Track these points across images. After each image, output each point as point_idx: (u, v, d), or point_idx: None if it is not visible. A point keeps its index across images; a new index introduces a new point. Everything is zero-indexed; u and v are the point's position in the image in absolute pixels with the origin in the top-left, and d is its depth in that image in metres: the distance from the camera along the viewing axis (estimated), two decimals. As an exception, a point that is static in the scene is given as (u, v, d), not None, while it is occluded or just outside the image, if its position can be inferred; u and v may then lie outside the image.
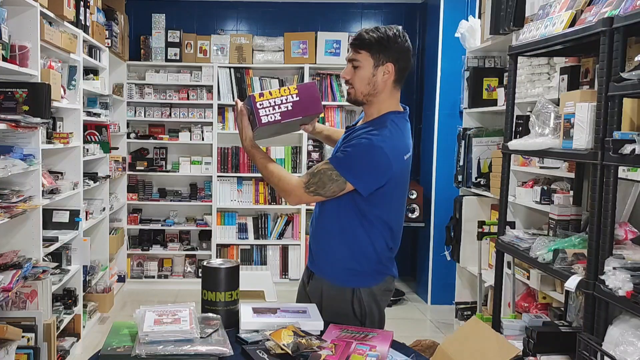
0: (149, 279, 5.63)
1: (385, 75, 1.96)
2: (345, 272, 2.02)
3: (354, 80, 1.98)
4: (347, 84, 2.01)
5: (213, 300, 1.84)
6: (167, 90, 5.59)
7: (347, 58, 2.00)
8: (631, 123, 2.10)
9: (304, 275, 2.18)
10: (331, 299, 2.02)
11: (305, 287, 2.15)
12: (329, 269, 2.05)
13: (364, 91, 1.98)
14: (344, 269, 2.02)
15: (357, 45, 1.94)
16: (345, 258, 2.02)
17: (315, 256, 2.11)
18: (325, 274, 2.06)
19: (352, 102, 2.03)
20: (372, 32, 1.93)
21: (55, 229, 3.78)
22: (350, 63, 1.97)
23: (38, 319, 3.05)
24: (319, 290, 2.05)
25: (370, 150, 1.90)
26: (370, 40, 1.93)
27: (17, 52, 3.05)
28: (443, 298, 5.01)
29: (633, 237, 2.26)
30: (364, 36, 1.93)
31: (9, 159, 2.87)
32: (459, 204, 4.21)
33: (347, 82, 2.00)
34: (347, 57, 2.01)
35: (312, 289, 2.09)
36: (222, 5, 5.85)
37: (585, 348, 2.06)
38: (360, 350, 1.63)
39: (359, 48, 1.94)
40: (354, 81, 1.98)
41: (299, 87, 1.97)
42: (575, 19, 2.37)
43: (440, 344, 2.49)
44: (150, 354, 1.51)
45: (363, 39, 1.93)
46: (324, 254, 2.07)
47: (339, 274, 2.03)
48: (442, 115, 5.05)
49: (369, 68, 1.95)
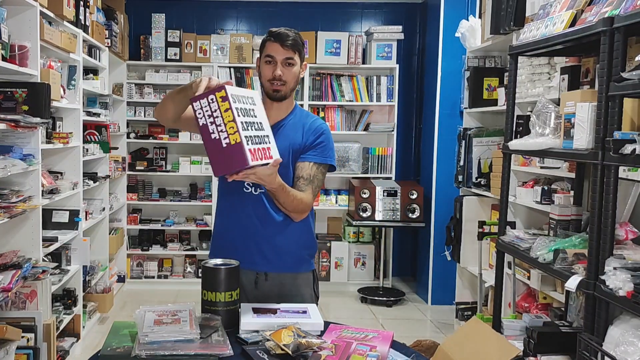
0: (148, 279, 5.63)
1: (302, 73, 2.16)
2: (307, 257, 2.18)
3: (288, 77, 2.08)
4: (277, 81, 2.07)
5: (213, 300, 1.84)
6: (167, 90, 5.58)
7: (280, 59, 2.06)
8: (631, 123, 2.09)
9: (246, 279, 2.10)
10: (295, 287, 2.13)
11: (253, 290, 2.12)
12: (291, 260, 2.13)
13: (292, 88, 2.12)
14: (306, 255, 2.18)
15: (292, 45, 2.06)
16: (306, 244, 2.17)
17: (269, 255, 2.10)
18: (286, 267, 2.12)
19: (279, 99, 2.11)
20: (295, 33, 2.09)
21: (55, 229, 3.77)
22: (285, 62, 2.07)
23: (38, 319, 3.05)
24: (277, 285, 2.10)
25: (329, 131, 2.17)
26: (299, 42, 2.09)
27: (16, 52, 3.04)
28: (443, 298, 5.01)
29: (633, 237, 2.26)
30: (296, 37, 2.08)
31: (8, 158, 2.86)
32: (459, 204, 4.21)
33: (279, 80, 2.07)
34: (279, 58, 2.06)
35: (268, 288, 2.11)
36: (222, 5, 5.84)
37: (586, 348, 2.06)
38: (360, 350, 1.63)
39: (294, 48, 2.07)
40: (288, 79, 2.09)
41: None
42: (576, 18, 2.36)
43: (441, 344, 2.49)
44: (150, 354, 1.50)
45: (296, 40, 2.08)
46: (285, 248, 2.11)
47: (302, 262, 2.16)
48: (443, 115, 5.05)
49: (298, 67, 2.11)
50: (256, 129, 1.78)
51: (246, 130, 1.69)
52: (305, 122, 2.14)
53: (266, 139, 1.83)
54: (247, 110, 1.77)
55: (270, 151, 1.82)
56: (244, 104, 1.76)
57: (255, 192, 2.09)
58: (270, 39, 2.08)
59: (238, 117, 1.67)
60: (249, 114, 1.77)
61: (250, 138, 1.71)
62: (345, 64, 5.57)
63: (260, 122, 1.82)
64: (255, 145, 1.72)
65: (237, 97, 1.74)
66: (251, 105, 1.82)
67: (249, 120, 1.75)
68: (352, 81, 5.59)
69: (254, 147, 1.71)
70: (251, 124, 1.75)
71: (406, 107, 5.89)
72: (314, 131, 2.12)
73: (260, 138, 1.78)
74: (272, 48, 2.07)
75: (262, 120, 1.85)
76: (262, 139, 1.79)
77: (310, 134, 2.11)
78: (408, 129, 5.95)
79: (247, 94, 1.84)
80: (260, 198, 2.09)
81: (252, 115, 1.78)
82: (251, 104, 1.82)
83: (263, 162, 1.76)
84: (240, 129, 1.66)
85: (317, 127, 2.13)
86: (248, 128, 1.72)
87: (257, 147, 1.73)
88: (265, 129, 1.85)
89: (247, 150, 1.66)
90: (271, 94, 2.09)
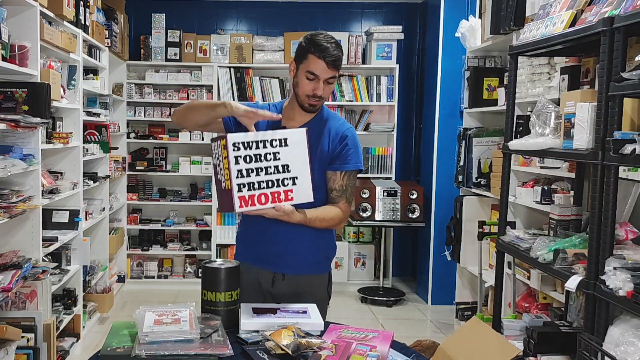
0: (148, 279, 5.63)
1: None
2: (325, 260, 2.21)
3: (326, 94, 2.06)
4: (316, 98, 2.04)
5: (213, 300, 1.84)
6: (167, 90, 5.58)
7: (325, 78, 2.00)
8: (632, 123, 2.09)
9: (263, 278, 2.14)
10: (310, 287, 2.13)
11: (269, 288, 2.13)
12: (309, 263, 2.15)
13: (326, 99, 2.09)
14: (324, 258, 2.21)
15: (336, 64, 2.00)
16: (326, 248, 2.20)
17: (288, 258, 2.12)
18: (304, 270, 2.14)
19: (313, 112, 2.10)
20: (340, 50, 2.01)
21: (55, 229, 3.77)
22: (326, 81, 2.02)
23: (38, 319, 3.04)
24: (293, 286, 2.11)
25: (354, 134, 2.15)
26: (342, 57, 2.03)
27: (16, 52, 3.04)
28: (443, 298, 5.01)
29: (633, 237, 2.26)
30: (340, 54, 2.01)
31: (8, 158, 2.86)
32: (459, 204, 4.21)
33: (318, 97, 2.03)
34: (322, 77, 2.00)
35: (284, 288, 2.12)
36: (222, 5, 5.84)
37: (586, 348, 2.06)
38: (360, 350, 1.63)
39: (338, 68, 2.02)
40: (326, 95, 2.06)
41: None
42: (576, 18, 2.36)
43: (441, 344, 2.49)
44: (150, 355, 1.50)
45: (340, 58, 2.02)
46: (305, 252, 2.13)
47: (320, 265, 2.19)
48: (443, 115, 5.05)
49: (336, 81, 2.09)
50: (271, 172, 1.85)
51: (245, 177, 1.81)
52: (332, 126, 2.12)
53: (288, 181, 1.87)
54: (261, 155, 1.84)
55: (290, 194, 1.88)
56: (258, 149, 1.83)
57: None
58: (315, 54, 1.98)
59: (235, 165, 1.80)
60: (264, 158, 1.84)
61: (249, 185, 1.81)
62: (345, 64, 5.56)
63: (285, 164, 1.87)
64: (255, 191, 1.82)
65: (250, 144, 1.82)
66: (275, 149, 1.86)
67: (259, 165, 1.83)
68: (352, 81, 5.59)
69: (252, 193, 1.82)
70: (261, 169, 1.83)
71: (406, 107, 5.89)
72: (340, 138, 2.10)
73: (272, 182, 1.85)
74: (317, 66, 1.98)
75: (290, 162, 1.88)
76: (277, 183, 1.86)
77: (337, 142, 2.10)
78: (408, 129, 5.95)
79: (281, 135, 1.87)
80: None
81: (269, 159, 1.85)
82: (277, 146, 1.86)
83: (259, 208, 1.84)
84: (233, 177, 1.79)
85: (342, 134, 2.11)
86: (250, 174, 1.81)
87: (259, 193, 1.83)
88: (293, 170, 1.88)
89: (236, 198, 1.80)
90: (307, 108, 2.07)
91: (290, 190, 1.88)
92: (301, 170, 1.89)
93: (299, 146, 1.90)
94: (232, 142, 1.80)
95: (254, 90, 5.55)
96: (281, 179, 1.87)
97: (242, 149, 1.81)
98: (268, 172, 1.85)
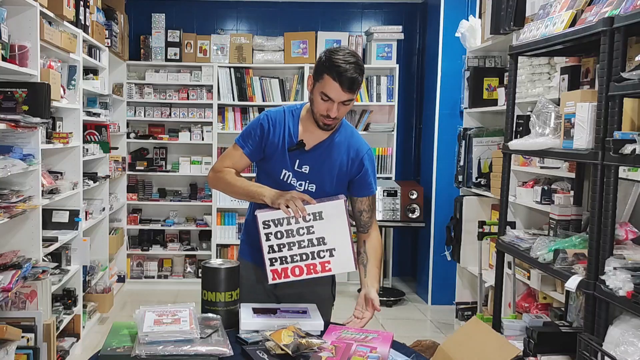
0: (148, 279, 5.63)
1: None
2: None
3: (341, 115, 1.99)
4: (330, 119, 1.97)
5: (213, 300, 1.84)
6: (167, 90, 5.58)
7: (341, 100, 1.92)
8: (632, 123, 2.09)
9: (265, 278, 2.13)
10: (315, 288, 2.13)
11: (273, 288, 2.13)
12: None
13: (342, 118, 2.05)
14: None
15: (352, 89, 1.91)
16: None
17: None
18: None
19: (327, 130, 2.04)
20: (359, 71, 1.91)
21: (55, 229, 3.77)
22: (342, 103, 1.94)
23: (38, 319, 3.04)
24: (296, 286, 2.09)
25: (371, 152, 2.16)
26: (361, 81, 1.94)
27: (16, 52, 3.04)
28: (443, 298, 5.01)
29: (633, 237, 2.26)
30: (359, 79, 1.91)
31: (8, 158, 2.86)
32: (459, 204, 4.21)
33: (332, 118, 1.97)
34: (338, 100, 1.92)
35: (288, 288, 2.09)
36: (222, 5, 5.84)
37: (586, 348, 2.06)
38: (360, 352, 1.62)
39: (354, 91, 1.93)
40: (341, 116, 2.00)
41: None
42: (576, 18, 2.36)
43: (441, 345, 2.49)
44: (150, 355, 1.51)
45: (359, 82, 1.92)
46: None
47: None
48: (443, 115, 5.04)
49: (353, 102, 2.00)
50: (304, 246, 1.87)
51: (276, 252, 1.87)
52: (350, 142, 2.09)
53: (324, 253, 1.88)
54: (293, 230, 1.86)
55: (328, 265, 1.89)
56: (290, 225, 1.86)
57: None
58: (331, 76, 1.88)
59: (266, 241, 1.86)
60: (296, 233, 1.86)
61: (281, 259, 1.87)
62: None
63: (320, 237, 1.87)
64: (289, 264, 1.88)
65: (280, 221, 1.85)
66: (308, 223, 1.86)
67: (291, 240, 1.87)
68: (352, 81, 5.58)
69: (285, 266, 1.88)
70: (293, 243, 1.86)
71: (406, 107, 5.89)
72: (360, 160, 2.09)
73: (307, 255, 1.88)
74: (332, 88, 1.89)
75: (325, 234, 1.88)
76: (312, 255, 1.88)
77: (357, 162, 2.08)
78: (408, 129, 5.95)
79: (316, 209, 1.87)
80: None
81: (302, 233, 1.86)
82: (311, 220, 1.86)
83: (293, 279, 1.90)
84: (265, 252, 1.87)
85: (361, 154, 2.09)
86: (282, 249, 1.86)
87: (293, 266, 1.88)
88: (330, 242, 1.88)
89: (269, 271, 1.88)
90: (321, 126, 2.02)
91: (328, 262, 1.89)
92: (340, 241, 1.89)
93: (337, 217, 1.88)
94: (262, 221, 1.84)
95: (253, 90, 5.55)
96: (316, 252, 1.87)
97: (272, 226, 1.85)
98: (301, 246, 1.86)
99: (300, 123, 2.08)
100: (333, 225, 1.87)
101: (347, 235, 1.89)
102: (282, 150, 2.06)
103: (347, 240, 1.89)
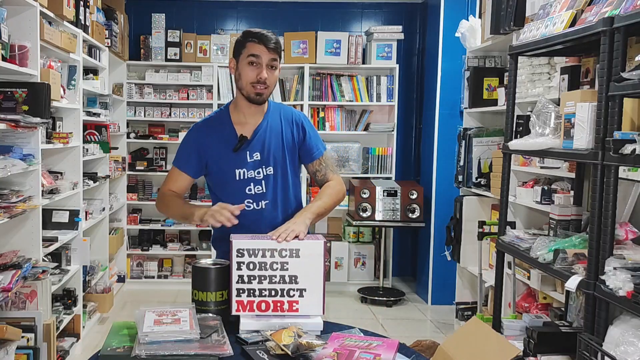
0: (148, 279, 5.63)
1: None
2: None
3: (271, 81, 2.07)
4: (261, 84, 2.04)
5: (204, 300, 1.84)
6: (167, 90, 5.58)
7: (267, 61, 2.03)
8: (632, 123, 2.09)
9: None
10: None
11: None
12: None
13: (272, 91, 2.12)
14: None
15: (276, 49, 2.05)
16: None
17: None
18: None
19: (260, 103, 2.10)
20: (275, 35, 2.07)
21: (55, 229, 3.77)
22: (269, 66, 2.04)
23: (38, 319, 3.04)
24: None
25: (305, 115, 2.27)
26: (280, 44, 2.08)
27: (16, 52, 3.04)
28: (443, 298, 5.01)
29: (633, 237, 2.26)
30: (278, 40, 2.06)
31: (8, 158, 2.86)
32: (459, 204, 4.21)
33: (263, 83, 2.04)
34: (264, 60, 2.03)
35: None
36: (222, 5, 5.84)
37: (586, 348, 2.06)
38: (364, 358, 1.60)
39: (278, 51, 2.06)
40: (271, 82, 2.07)
41: None
42: (576, 18, 2.36)
43: (441, 344, 2.48)
44: (150, 355, 1.50)
45: (279, 43, 2.06)
46: None
47: None
48: (443, 115, 5.04)
49: (278, 70, 2.10)
50: (275, 282, 1.80)
51: (245, 283, 1.79)
52: (283, 113, 2.19)
53: (294, 292, 1.81)
54: (267, 264, 1.80)
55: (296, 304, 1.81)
56: (265, 257, 1.80)
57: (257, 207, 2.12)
58: (254, 40, 2.03)
59: (237, 270, 1.79)
60: (269, 267, 1.80)
61: (248, 291, 1.79)
62: (345, 64, 5.57)
63: (293, 275, 1.81)
64: (256, 298, 1.80)
65: (255, 251, 1.79)
66: (284, 259, 1.80)
67: (262, 274, 1.80)
68: (352, 81, 5.59)
69: (251, 299, 1.80)
70: (264, 277, 1.80)
71: (406, 107, 5.89)
72: (299, 125, 2.18)
73: (276, 291, 1.80)
74: (257, 49, 2.03)
75: (299, 273, 1.81)
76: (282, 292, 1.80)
77: (300, 129, 2.17)
78: (408, 129, 5.95)
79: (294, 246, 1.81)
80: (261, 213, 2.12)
81: (275, 268, 1.80)
82: (287, 256, 1.80)
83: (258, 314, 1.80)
84: (234, 281, 1.79)
85: (298, 120, 2.19)
86: (252, 281, 1.79)
87: (260, 300, 1.80)
88: (302, 282, 1.81)
89: (234, 301, 1.80)
90: (253, 98, 2.06)
91: (297, 302, 1.81)
92: (312, 283, 1.82)
93: (314, 258, 1.83)
94: (237, 248, 1.78)
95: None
96: (287, 289, 1.81)
97: (246, 255, 1.79)
98: (272, 282, 1.80)
99: (232, 119, 2.13)
100: (308, 265, 1.82)
101: (320, 278, 1.83)
102: (227, 152, 2.09)
103: (319, 284, 1.83)
